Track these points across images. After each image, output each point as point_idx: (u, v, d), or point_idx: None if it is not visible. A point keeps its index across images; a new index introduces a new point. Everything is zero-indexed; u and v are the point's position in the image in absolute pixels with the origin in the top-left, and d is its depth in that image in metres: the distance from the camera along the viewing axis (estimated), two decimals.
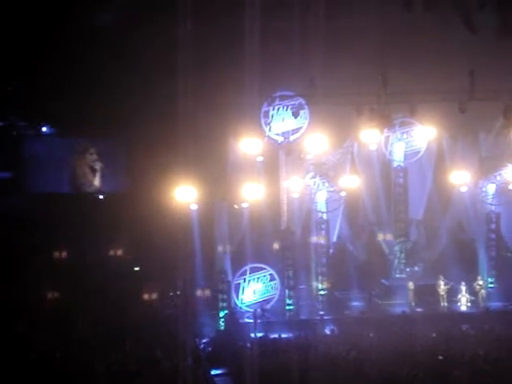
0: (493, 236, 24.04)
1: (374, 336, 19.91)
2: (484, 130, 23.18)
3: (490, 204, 23.83)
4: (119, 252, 22.62)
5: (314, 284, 23.44)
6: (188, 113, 18.66)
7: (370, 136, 23.05)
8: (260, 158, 22.66)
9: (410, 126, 23.70)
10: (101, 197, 23.33)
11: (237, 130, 21.94)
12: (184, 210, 21.56)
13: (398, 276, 24.01)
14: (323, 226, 23.63)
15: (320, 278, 23.46)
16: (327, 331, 21.19)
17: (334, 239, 24.10)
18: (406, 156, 24.11)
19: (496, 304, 22.94)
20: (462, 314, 22.43)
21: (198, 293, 22.14)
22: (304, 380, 16.44)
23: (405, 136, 23.82)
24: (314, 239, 23.64)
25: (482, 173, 23.51)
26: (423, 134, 23.53)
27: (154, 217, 20.99)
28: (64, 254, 22.53)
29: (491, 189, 23.78)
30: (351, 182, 23.43)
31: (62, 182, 23.40)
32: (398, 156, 24.10)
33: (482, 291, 23.08)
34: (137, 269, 22.61)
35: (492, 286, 23.58)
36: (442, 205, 23.92)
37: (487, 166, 23.53)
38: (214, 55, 20.84)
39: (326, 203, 23.49)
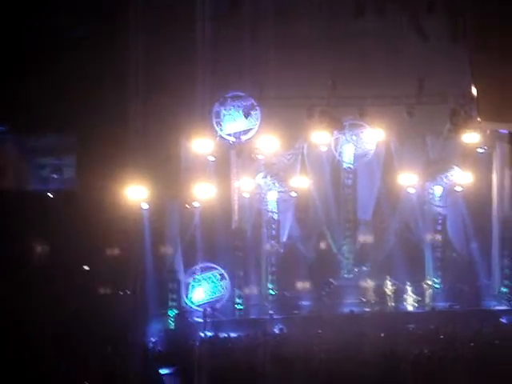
0: (439, 237, 24.48)
1: (323, 335, 20.19)
2: (432, 133, 23.55)
3: (437, 206, 24.27)
4: (67, 250, 22.42)
5: (264, 283, 23.60)
6: (139, 112, 18.73)
7: (320, 138, 23.31)
8: (211, 158, 22.74)
9: (359, 129, 23.98)
10: (49, 195, 23.12)
11: (188, 129, 22.01)
12: (135, 209, 21.61)
13: (346, 276, 24.30)
14: (274, 226, 23.80)
15: (270, 277, 23.64)
16: (276, 330, 21.40)
17: (285, 239, 24.26)
18: (355, 158, 24.38)
19: (442, 304, 23.39)
20: (409, 313, 22.83)
21: (149, 292, 22.11)
22: (253, 379, 16.61)
23: (354, 138, 24.07)
24: (264, 239, 23.81)
25: (429, 175, 23.91)
26: (372, 136, 23.84)
27: (104, 216, 20.92)
28: (8, 253, 22.19)
29: (438, 191, 24.20)
30: (301, 183, 23.67)
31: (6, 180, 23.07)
32: (347, 157, 24.37)
33: (429, 291, 23.52)
34: (86, 268, 22.49)
35: (438, 286, 24.00)
36: (390, 206, 24.26)
37: (434, 169, 23.94)
38: (166, 56, 20.87)
39: (277, 203, 23.67)
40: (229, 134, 23.02)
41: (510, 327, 21.73)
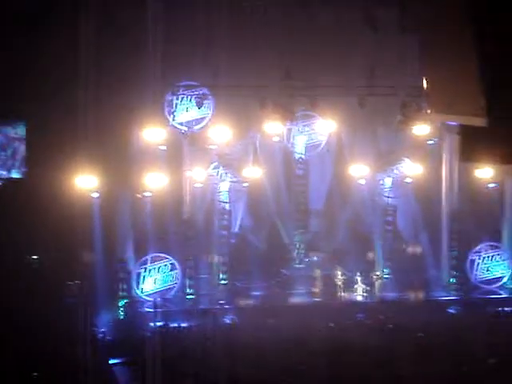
0: (389, 228, 24.76)
1: (274, 325, 20.27)
2: (382, 125, 23.78)
3: (387, 197, 24.54)
4: (15, 239, 22.05)
5: (215, 273, 23.60)
6: (89, 100, 18.49)
7: (272, 128, 23.35)
8: (163, 148, 22.60)
9: (311, 120, 24.11)
10: None
11: (140, 118, 21.81)
12: (85, 198, 21.37)
13: (297, 266, 24.43)
14: (225, 217, 23.79)
15: (221, 267, 23.64)
16: (227, 320, 21.43)
17: (236, 229, 24.28)
18: (307, 148, 24.52)
19: (391, 294, 23.67)
20: (358, 303, 23.07)
21: (99, 282, 21.92)
22: (203, 369, 16.60)
23: (306, 129, 24.21)
24: (216, 229, 23.80)
25: (379, 166, 24.18)
26: (324, 127, 23.98)
27: (54, 205, 20.63)
28: None
29: (388, 182, 24.48)
30: (254, 173, 23.70)
31: None
32: (299, 148, 24.49)
33: (378, 282, 23.80)
34: (35, 257, 22.19)
35: (387, 276, 24.29)
36: (341, 197, 24.45)
37: (385, 160, 24.21)
38: (118, 44, 20.62)
39: (229, 193, 23.68)
40: (181, 124, 22.91)
41: (458, 317, 22.05)
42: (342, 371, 16.66)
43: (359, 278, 23.41)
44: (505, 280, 24.65)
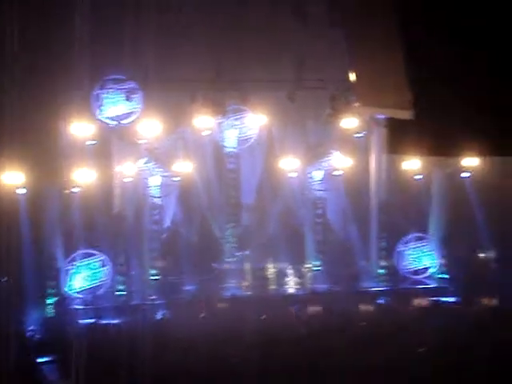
0: (319, 221, 25.02)
1: (205, 319, 20.25)
2: (312, 118, 23.99)
3: (317, 190, 24.77)
4: None
5: (146, 269, 23.43)
6: (14, 94, 18.09)
7: (203, 122, 23.29)
8: (92, 142, 22.30)
9: (242, 114, 24.14)
10: None
11: (68, 112, 21.48)
12: (11, 194, 20.92)
13: (229, 260, 24.46)
14: (156, 212, 23.65)
15: (152, 263, 23.49)
16: (159, 316, 21.31)
17: (168, 224, 24.16)
18: (238, 142, 24.56)
19: (321, 286, 23.93)
20: (290, 295, 23.24)
21: (27, 279, 21.52)
22: (135, 365, 16.46)
23: (237, 123, 24.24)
24: (146, 224, 23.63)
25: (309, 159, 24.40)
26: (255, 121, 24.04)
27: None
28: None
29: (318, 175, 24.72)
30: (185, 168, 23.62)
31: None
32: (230, 142, 24.50)
33: (309, 274, 24.02)
34: None
35: (318, 268, 24.54)
36: (272, 190, 24.59)
37: (314, 153, 24.45)
38: (44, 36, 20.23)
39: (160, 188, 23.53)
40: (109, 118, 22.65)
41: (387, 308, 22.42)
42: (274, 362, 16.76)
43: (291, 271, 23.59)
44: (432, 270, 25.20)
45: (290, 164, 24.18)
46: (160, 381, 14.69)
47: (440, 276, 25.10)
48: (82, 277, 22.45)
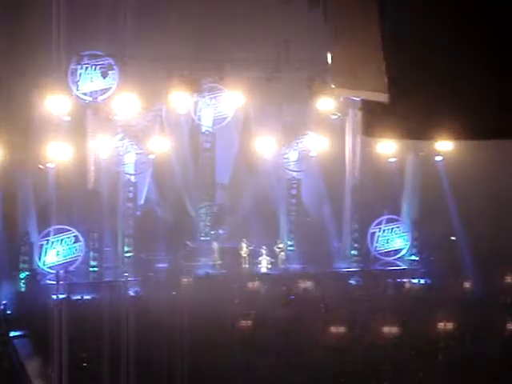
0: (293, 201, 25.12)
1: (178, 297, 20.28)
2: (288, 99, 23.98)
3: (292, 170, 24.84)
4: None
5: (120, 246, 23.42)
6: None
7: (179, 100, 23.19)
8: (67, 118, 22.13)
9: (218, 92, 24.08)
10: None
11: (43, 88, 21.28)
12: None
13: (202, 238, 24.49)
14: (131, 189, 23.59)
15: (126, 240, 23.48)
16: (131, 293, 21.30)
17: (142, 201, 24.12)
18: (214, 121, 24.49)
19: (294, 266, 24.07)
20: (263, 275, 23.34)
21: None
22: (106, 341, 16.48)
23: (213, 102, 24.17)
24: (121, 201, 23.58)
25: (284, 140, 24.43)
26: (231, 100, 24.00)
27: None
28: None
29: (293, 156, 24.78)
30: (160, 145, 23.53)
31: None
32: (206, 121, 24.44)
33: (282, 254, 24.12)
34: None
35: (292, 248, 24.67)
36: (247, 170, 24.62)
37: (289, 134, 24.48)
38: (21, 11, 20.02)
39: (135, 165, 23.45)
40: (85, 94, 22.48)
41: (358, 288, 22.62)
42: (244, 339, 16.89)
43: (264, 251, 23.66)
44: (403, 252, 25.44)
45: (265, 144, 24.19)
46: (134, 356, 14.74)
47: (411, 258, 25.37)
48: (54, 252, 22.37)
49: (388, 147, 24.30)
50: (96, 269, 22.71)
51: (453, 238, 24.79)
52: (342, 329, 17.26)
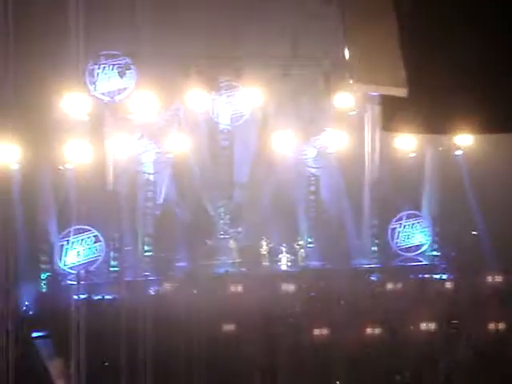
0: (312, 198, 25.05)
1: (198, 295, 20.30)
2: (306, 95, 23.89)
3: (311, 167, 24.77)
4: None
5: (140, 245, 23.46)
6: (9, 68, 17.99)
7: (197, 98, 23.19)
8: (85, 118, 22.19)
9: (235, 90, 24.05)
10: None
11: (62, 88, 21.34)
12: (5, 169, 20.85)
13: (222, 237, 24.49)
14: (150, 188, 23.63)
15: (146, 239, 23.52)
16: (152, 292, 21.35)
17: (161, 201, 24.15)
18: (232, 119, 24.47)
19: (314, 263, 24.02)
20: (283, 272, 23.31)
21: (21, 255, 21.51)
22: (128, 340, 16.53)
23: (231, 99, 24.15)
24: (140, 201, 23.62)
25: (303, 137, 24.35)
26: (249, 97, 23.95)
27: None
28: None
29: (312, 152, 24.69)
30: (178, 144, 23.55)
31: None
32: (224, 119, 24.42)
33: (302, 251, 24.07)
34: None
35: (311, 246, 24.61)
36: (265, 168, 24.55)
37: (308, 131, 24.40)
38: (37, 11, 20.09)
39: (153, 165, 23.49)
40: (103, 94, 22.54)
41: (379, 284, 22.53)
42: (268, 339, 16.88)
43: (284, 248, 23.63)
44: (424, 248, 25.30)
45: (283, 141, 24.13)
46: (155, 355, 14.77)
47: (432, 253, 25.22)
48: (75, 252, 22.47)
49: (407, 142, 24.16)
50: (116, 268, 22.78)
51: (474, 232, 24.62)
52: (374, 327, 17.20)
